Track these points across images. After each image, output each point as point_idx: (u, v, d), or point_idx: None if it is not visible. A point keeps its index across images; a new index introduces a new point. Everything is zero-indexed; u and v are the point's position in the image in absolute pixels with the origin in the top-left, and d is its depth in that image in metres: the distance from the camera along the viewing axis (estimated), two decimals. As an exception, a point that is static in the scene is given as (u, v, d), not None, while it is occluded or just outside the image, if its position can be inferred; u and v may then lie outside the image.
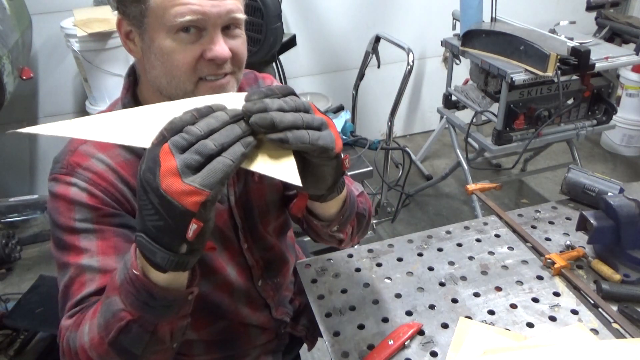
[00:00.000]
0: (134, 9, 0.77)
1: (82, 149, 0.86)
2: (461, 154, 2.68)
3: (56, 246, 0.85)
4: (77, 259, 0.82)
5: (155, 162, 0.59)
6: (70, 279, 0.82)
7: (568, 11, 3.41)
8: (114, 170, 0.85)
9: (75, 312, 0.79)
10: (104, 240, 0.82)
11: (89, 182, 0.83)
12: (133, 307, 0.67)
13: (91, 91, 2.51)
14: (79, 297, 0.79)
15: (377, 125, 3.57)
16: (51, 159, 0.91)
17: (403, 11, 3.33)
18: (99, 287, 0.79)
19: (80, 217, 0.82)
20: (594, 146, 3.59)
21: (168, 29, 0.75)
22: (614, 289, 1.09)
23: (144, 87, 0.89)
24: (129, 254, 0.69)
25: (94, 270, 0.81)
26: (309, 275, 1.22)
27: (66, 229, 0.83)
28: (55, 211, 0.84)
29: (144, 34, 0.78)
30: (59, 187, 0.85)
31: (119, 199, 0.85)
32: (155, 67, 0.79)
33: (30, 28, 2.53)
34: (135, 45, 0.82)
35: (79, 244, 0.82)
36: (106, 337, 0.69)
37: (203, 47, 0.76)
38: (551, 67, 2.05)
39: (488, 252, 1.26)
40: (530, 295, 1.11)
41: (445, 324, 1.05)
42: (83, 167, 0.84)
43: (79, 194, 0.83)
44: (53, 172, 0.87)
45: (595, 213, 1.18)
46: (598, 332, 1.01)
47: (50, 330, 2.01)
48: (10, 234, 2.55)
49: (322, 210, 0.90)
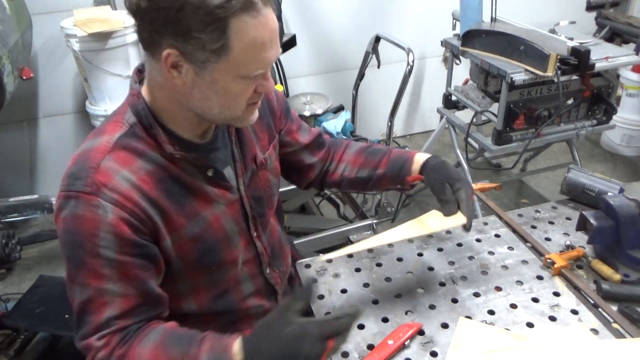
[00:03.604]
0: (200, 54, 0.78)
1: (105, 165, 0.85)
2: (461, 154, 2.68)
3: (75, 264, 0.85)
4: (98, 283, 0.84)
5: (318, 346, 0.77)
6: (89, 298, 0.85)
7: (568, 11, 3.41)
8: (138, 187, 0.86)
9: (104, 334, 0.84)
10: (126, 271, 0.85)
11: (115, 204, 0.83)
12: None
13: (91, 91, 2.51)
14: (104, 319, 0.84)
15: (377, 125, 3.57)
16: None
17: (403, 11, 3.33)
18: (122, 311, 0.85)
19: (105, 244, 0.83)
20: (594, 146, 3.59)
21: (239, 76, 0.82)
22: (614, 289, 1.09)
23: (159, 98, 0.90)
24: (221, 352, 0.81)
25: (114, 294, 0.85)
26: (309, 275, 1.22)
27: (89, 252, 0.83)
28: (78, 233, 0.83)
29: (203, 73, 0.81)
30: (84, 208, 0.82)
31: (142, 219, 0.86)
32: (209, 99, 0.85)
33: (30, 28, 2.53)
34: (180, 75, 0.82)
35: (101, 270, 0.84)
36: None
37: (258, 82, 0.86)
38: (551, 67, 2.05)
39: (488, 252, 1.26)
40: (530, 295, 1.11)
41: (445, 324, 1.05)
42: (109, 188, 0.83)
43: (105, 219, 0.82)
44: (73, 189, 0.84)
45: (595, 213, 1.18)
46: (598, 332, 1.01)
47: (50, 330, 2.01)
48: (10, 234, 2.55)
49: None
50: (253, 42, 0.79)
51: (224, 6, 0.74)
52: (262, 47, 0.80)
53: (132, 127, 0.89)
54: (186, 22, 0.74)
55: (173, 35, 0.77)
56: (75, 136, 3.04)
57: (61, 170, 0.85)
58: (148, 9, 0.76)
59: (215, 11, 0.74)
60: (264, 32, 0.79)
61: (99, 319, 0.85)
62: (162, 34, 0.78)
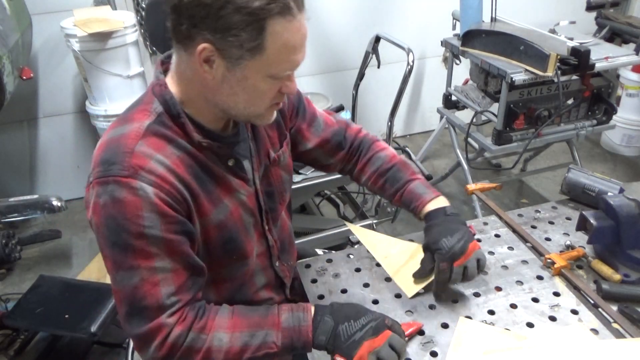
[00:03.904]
0: (235, 51, 0.81)
1: (139, 149, 0.86)
2: (461, 154, 2.68)
3: (122, 249, 0.85)
4: (148, 262, 0.85)
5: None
6: (141, 281, 0.85)
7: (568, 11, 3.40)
8: (172, 170, 0.87)
9: (174, 310, 0.86)
10: (172, 246, 0.87)
11: (154, 186, 0.84)
12: (284, 346, 0.91)
13: (91, 91, 2.51)
14: (163, 297, 0.86)
15: (377, 125, 3.57)
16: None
17: (403, 11, 3.33)
18: (177, 286, 0.87)
19: (149, 223, 0.84)
20: (594, 146, 3.59)
21: (268, 75, 0.86)
22: (614, 289, 1.09)
23: (185, 90, 0.91)
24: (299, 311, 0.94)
25: (166, 271, 0.86)
26: (309, 275, 1.22)
27: (135, 234, 0.84)
28: (121, 216, 0.83)
29: (235, 69, 0.84)
30: (124, 191, 0.83)
31: (179, 200, 0.88)
32: (236, 95, 0.88)
33: (30, 28, 2.53)
34: (211, 70, 0.85)
35: (148, 249, 0.85)
36: (248, 352, 0.90)
37: (283, 83, 0.90)
38: (551, 67, 2.05)
39: (488, 252, 1.26)
40: (530, 295, 1.11)
41: (445, 324, 1.05)
42: (146, 170, 0.84)
43: (147, 200, 0.83)
44: (111, 174, 0.84)
45: (595, 213, 1.18)
46: (598, 332, 1.01)
47: (50, 330, 2.01)
48: (10, 234, 2.55)
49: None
50: (286, 44, 0.83)
51: (265, 8, 0.78)
52: (294, 49, 0.85)
53: (159, 116, 0.90)
54: (226, 20, 0.78)
55: (211, 31, 0.80)
56: (75, 136, 3.04)
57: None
58: (190, 4, 0.79)
59: (255, 12, 0.78)
60: (297, 36, 0.84)
61: (157, 299, 0.85)
62: (199, 29, 0.81)
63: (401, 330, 0.97)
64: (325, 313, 0.94)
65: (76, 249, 2.80)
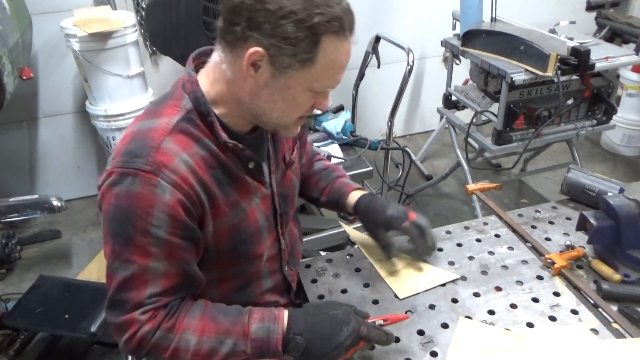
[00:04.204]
0: (286, 60, 0.84)
1: (165, 146, 0.86)
2: (461, 154, 2.68)
3: (123, 240, 0.85)
4: (144, 260, 0.86)
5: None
6: (132, 275, 0.86)
7: (568, 11, 3.41)
8: (194, 171, 0.88)
9: (148, 309, 0.87)
10: (173, 251, 0.88)
11: (173, 186, 0.85)
12: (254, 355, 0.91)
13: (91, 91, 2.51)
14: (146, 295, 0.87)
15: (377, 125, 3.57)
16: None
17: (403, 11, 3.33)
18: (163, 289, 0.88)
19: (157, 223, 0.84)
20: (594, 146, 3.59)
21: (310, 88, 0.89)
22: (614, 289, 1.09)
23: (218, 90, 0.92)
24: (270, 322, 0.92)
25: (158, 273, 0.87)
26: (309, 275, 1.22)
27: (140, 230, 0.84)
28: (131, 210, 0.84)
29: (279, 77, 0.86)
30: (141, 186, 0.83)
31: (195, 203, 0.88)
32: (274, 102, 0.90)
33: (30, 28, 2.53)
34: (255, 74, 0.86)
35: (148, 248, 0.86)
36: (218, 357, 0.90)
37: (318, 99, 0.93)
38: (551, 67, 2.05)
39: (488, 252, 1.26)
40: (530, 295, 1.11)
41: (445, 324, 1.05)
42: (169, 169, 0.85)
43: (162, 199, 0.84)
44: (132, 166, 0.84)
45: (595, 213, 1.18)
46: (598, 332, 1.01)
47: (50, 330, 2.01)
48: (10, 234, 2.54)
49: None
50: (334, 62, 0.87)
51: (324, 25, 0.82)
52: (339, 68, 0.89)
53: (188, 113, 0.91)
54: (286, 29, 0.80)
55: (267, 37, 0.82)
56: (75, 136, 3.04)
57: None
58: (252, 7, 0.81)
59: (314, 27, 0.81)
60: (344, 56, 0.88)
61: (140, 295, 0.87)
62: (255, 32, 0.82)
63: (377, 333, 0.94)
64: (297, 330, 0.91)
65: (76, 249, 2.80)
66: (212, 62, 0.94)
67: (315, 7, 0.80)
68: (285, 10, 0.80)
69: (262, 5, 0.80)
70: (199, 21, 2.15)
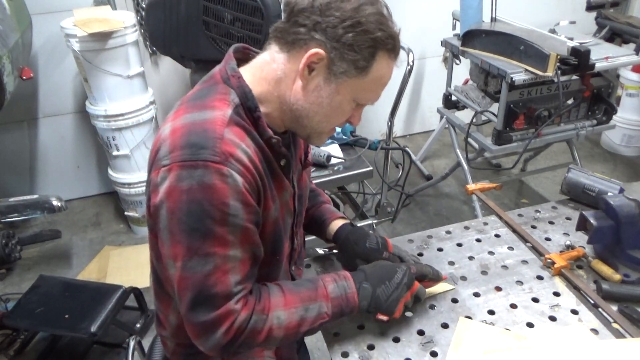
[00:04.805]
0: (343, 65, 0.88)
1: (227, 137, 0.86)
2: (461, 154, 2.68)
3: (202, 235, 0.84)
4: (225, 250, 0.86)
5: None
6: (215, 268, 0.85)
7: (568, 11, 3.41)
8: (252, 161, 0.89)
9: (239, 297, 0.88)
10: (247, 236, 0.89)
11: (241, 175, 0.85)
12: (334, 315, 0.97)
13: (91, 91, 2.51)
14: (232, 284, 0.87)
15: (377, 125, 3.57)
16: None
17: (403, 11, 3.33)
18: (243, 276, 0.89)
19: (234, 211, 0.85)
20: (594, 146, 3.59)
21: (355, 98, 0.93)
22: (614, 289, 1.09)
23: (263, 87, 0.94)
24: (342, 280, 1.00)
25: (236, 260, 0.88)
26: (308, 275, 1.22)
27: (219, 221, 0.84)
28: (207, 202, 0.83)
29: (332, 81, 0.90)
30: (214, 176, 0.83)
31: (256, 191, 0.90)
32: (321, 105, 0.93)
33: (30, 28, 2.53)
34: (309, 76, 0.90)
35: (227, 237, 0.86)
36: (305, 325, 0.94)
37: (349, 115, 0.97)
38: (551, 67, 2.05)
39: (488, 252, 1.26)
40: (530, 295, 1.11)
41: (445, 324, 1.05)
42: (235, 158, 0.85)
43: (235, 188, 0.84)
44: (201, 157, 0.83)
45: (595, 213, 1.18)
46: (598, 332, 1.01)
47: (50, 330, 2.01)
48: (10, 234, 2.55)
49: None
50: (381, 77, 0.92)
51: (384, 41, 0.88)
52: (382, 85, 0.95)
53: (236, 107, 0.91)
54: (352, 37, 0.86)
55: (332, 41, 0.87)
56: (75, 136, 3.04)
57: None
58: (320, 12, 0.86)
59: (376, 40, 0.87)
60: (388, 75, 0.94)
61: (227, 286, 0.86)
62: (320, 35, 0.87)
63: (426, 267, 1.10)
64: (362, 280, 1.00)
65: (76, 249, 2.80)
66: (259, 61, 0.95)
67: (379, 23, 0.87)
68: (354, 20, 0.85)
69: (331, 12, 0.85)
70: (199, 21, 2.16)
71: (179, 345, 1.09)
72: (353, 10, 0.85)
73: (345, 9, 0.85)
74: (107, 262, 2.66)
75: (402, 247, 1.20)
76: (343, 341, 1.03)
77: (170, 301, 1.03)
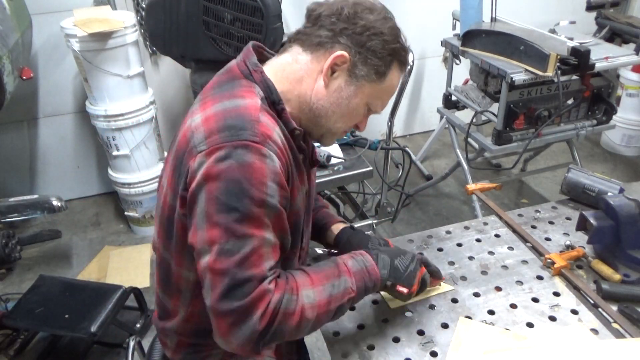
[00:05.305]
0: (364, 69, 0.95)
1: (263, 119, 0.88)
2: (461, 154, 2.68)
3: (241, 215, 0.83)
4: (262, 232, 0.86)
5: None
6: (252, 250, 0.84)
7: (568, 11, 3.41)
8: (284, 144, 0.92)
9: (272, 279, 0.87)
10: (281, 220, 0.90)
11: (277, 156, 0.87)
12: (359, 290, 0.96)
13: (91, 91, 2.51)
14: (267, 268, 0.86)
15: (377, 125, 3.56)
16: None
17: (403, 11, 3.33)
18: (275, 261, 0.89)
19: (271, 192, 0.86)
20: (594, 146, 3.59)
21: (368, 102, 1.00)
22: (614, 289, 1.09)
23: (283, 84, 0.97)
24: (359, 256, 1.00)
25: (270, 244, 0.88)
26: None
27: (257, 201, 0.84)
28: (247, 181, 0.83)
29: (352, 84, 0.96)
30: (254, 156, 0.84)
31: (287, 176, 0.92)
32: (339, 106, 0.98)
33: (30, 28, 2.53)
34: (330, 77, 0.96)
35: (264, 220, 0.86)
36: (334, 302, 0.93)
37: (361, 119, 1.04)
38: (551, 67, 2.05)
39: (488, 252, 1.26)
40: (530, 295, 1.11)
41: (445, 324, 1.05)
42: (272, 140, 0.87)
43: (272, 168, 0.86)
44: (242, 137, 0.84)
45: (595, 213, 1.19)
46: (598, 332, 1.01)
47: (50, 330, 2.01)
48: (10, 234, 2.55)
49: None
50: (392, 86, 1.01)
51: (399, 52, 0.98)
52: (391, 94, 1.03)
53: (262, 100, 0.93)
54: (375, 44, 0.94)
55: (358, 46, 0.94)
56: (75, 136, 3.04)
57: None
58: (350, 20, 0.93)
59: (394, 50, 0.96)
60: (396, 86, 1.03)
61: (262, 269, 0.85)
62: (346, 39, 0.94)
63: (427, 260, 1.13)
64: (378, 253, 1.02)
65: (76, 249, 2.80)
66: (280, 62, 0.99)
67: (397, 35, 0.97)
68: (377, 29, 0.94)
69: (357, 20, 0.93)
70: (199, 21, 2.16)
71: (181, 342, 1.08)
72: (376, 21, 0.94)
73: (370, 20, 0.93)
74: (107, 262, 2.66)
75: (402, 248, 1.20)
76: (343, 341, 1.03)
77: (179, 295, 1.03)
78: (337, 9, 0.94)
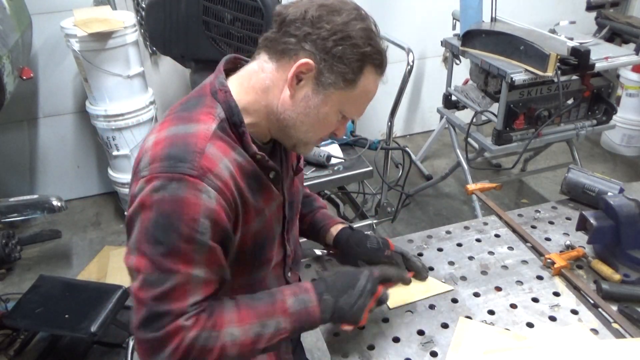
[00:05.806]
0: (331, 77, 0.89)
1: (209, 151, 0.85)
2: (461, 154, 2.68)
3: (166, 249, 0.82)
4: (188, 268, 0.83)
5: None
6: (176, 285, 0.83)
7: (568, 11, 3.41)
8: (234, 177, 0.88)
9: (191, 315, 0.84)
10: (214, 257, 0.87)
11: (218, 192, 0.84)
12: (294, 330, 0.93)
13: (91, 91, 2.51)
14: (189, 303, 0.84)
15: (377, 125, 3.57)
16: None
17: (403, 11, 3.33)
18: (204, 296, 0.86)
19: (203, 230, 0.83)
20: (594, 146, 3.59)
21: (342, 110, 0.94)
22: (614, 289, 1.09)
23: (250, 98, 0.94)
24: (302, 294, 0.95)
25: (199, 280, 0.85)
26: (309, 275, 1.22)
27: (186, 237, 0.82)
28: (176, 216, 0.81)
29: (319, 93, 0.91)
30: (188, 191, 0.82)
31: (233, 209, 0.89)
32: (308, 116, 0.93)
33: (30, 28, 2.53)
34: (297, 86, 0.90)
35: (192, 256, 0.83)
36: (261, 342, 0.90)
37: (336, 126, 0.98)
38: (551, 67, 2.05)
39: (488, 252, 1.26)
40: (530, 295, 1.11)
41: (445, 324, 1.05)
42: (214, 174, 0.84)
43: (207, 205, 0.83)
44: (178, 170, 0.82)
45: (595, 213, 1.19)
46: (598, 332, 1.01)
47: (50, 330, 2.01)
48: (10, 234, 2.55)
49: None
50: (367, 92, 0.94)
51: (371, 56, 0.90)
52: (367, 99, 0.96)
53: (221, 122, 0.91)
54: (342, 50, 0.87)
55: (322, 53, 0.88)
56: (75, 136, 3.04)
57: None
58: (314, 24, 0.87)
59: (365, 54, 0.89)
60: (374, 90, 0.96)
61: (183, 304, 0.83)
62: (310, 46, 0.88)
63: (391, 270, 1.05)
64: (323, 291, 0.96)
65: (76, 249, 2.80)
66: (247, 70, 0.95)
67: (368, 38, 0.89)
68: (344, 33, 0.86)
69: (322, 24, 0.86)
70: (199, 21, 2.16)
71: None
72: (343, 24, 0.87)
73: (336, 22, 0.86)
74: (107, 262, 2.65)
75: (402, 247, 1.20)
76: (343, 341, 1.03)
77: None
78: (301, 13, 0.88)
